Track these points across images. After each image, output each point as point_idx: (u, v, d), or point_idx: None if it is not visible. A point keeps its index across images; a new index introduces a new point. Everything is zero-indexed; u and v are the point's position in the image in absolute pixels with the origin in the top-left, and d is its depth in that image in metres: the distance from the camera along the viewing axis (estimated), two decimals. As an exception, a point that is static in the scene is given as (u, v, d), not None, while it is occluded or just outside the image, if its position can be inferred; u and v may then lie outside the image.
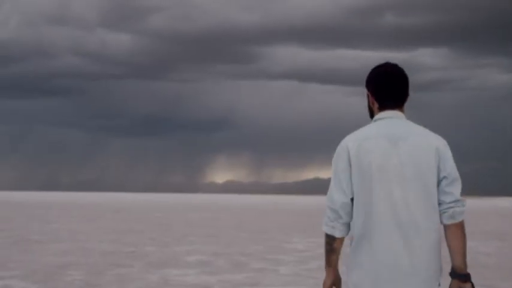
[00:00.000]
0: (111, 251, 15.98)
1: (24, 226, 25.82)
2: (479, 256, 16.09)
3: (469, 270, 3.35)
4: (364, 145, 3.40)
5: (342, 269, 3.44)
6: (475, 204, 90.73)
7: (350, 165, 3.41)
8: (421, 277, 3.33)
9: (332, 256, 3.52)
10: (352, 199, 3.45)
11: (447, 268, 3.42)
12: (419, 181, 3.34)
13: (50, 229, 24.03)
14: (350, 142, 3.44)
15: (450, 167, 3.38)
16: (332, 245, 3.50)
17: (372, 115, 3.61)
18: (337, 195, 3.46)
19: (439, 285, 3.43)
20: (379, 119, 3.52)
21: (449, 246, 3.39)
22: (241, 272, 12.45)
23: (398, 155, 3.36)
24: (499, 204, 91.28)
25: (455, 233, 3.37)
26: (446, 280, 3.48)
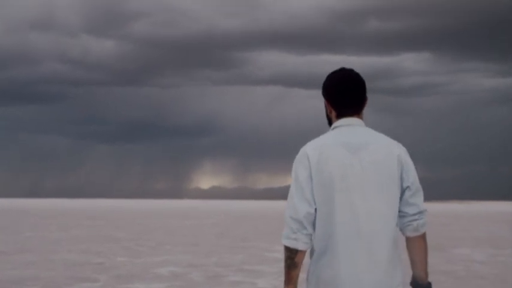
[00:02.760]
0: (78, 263, 14.79)
1: (-7, 235, 24.52)
2: (474, 265, 15.03)
3: (465, 281, 2.52)
4: (324, 154, 3.27)
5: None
6: (464, 209, 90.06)
7: (311, 174, 3.26)
8: None
9: (293, 272, 3.31)
10: (315, 209, 3.27)
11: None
12: (381, 190, 3.25)
13: (20, 238, 22.78)
14: (310, 150, 3.31)
15: (413, 177, 3.31)
16: (294, 260, 3.29)
17: (330, 123, 3.49)
18: (301, 205, 3.27)
19: None
20: (338, 126, 3.40)
21: (411, 256, 3.37)
22: (215, 287, 11.32)
23: (360, 164, 3.26)
24: (486, 209, 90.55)
25: (419, 245, 3.35)
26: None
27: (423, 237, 3.35)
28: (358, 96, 3.41)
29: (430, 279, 3.38)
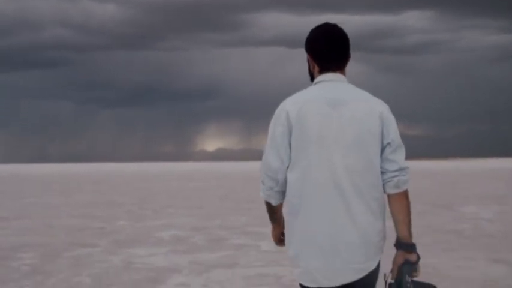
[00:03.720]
0: (78, 228, 14.52)
1: (-5, 201, 24.27)
2: (481, 223, 14.72)
3: (474, 240, 2.36)
4: (304, 108, 3.24)
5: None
6: (468, 166, 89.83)
7: (289, 130, 3.26)
8: (362, 246, 3.21)
9: (274, 216, 3.52)
10: (288, 166, 3.28)
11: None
12: (360, 147, 3.21)
13: (21, 204, 22.54)
14: (289, 105, 3.28)
15: (394, 133, 3.26)
16: (272, 209, 3.47)
17: (312, 79, 3.45)
18: (273, 161, 3.30)
19: (381, 252, 3.34)
20: (320, 81, 3.36)
21: (393, 215, 3.29)
22: (218, 250, 11.04)
23: (339, 120, 3.22)
24: (490, 166, 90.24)
25: (400, 202, 3.28)
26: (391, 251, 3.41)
27: (404, 195, 3.30)
28: (342, 51, 3.37)
29: (438, 238, 3.29)
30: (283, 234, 3.57)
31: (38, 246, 11.54)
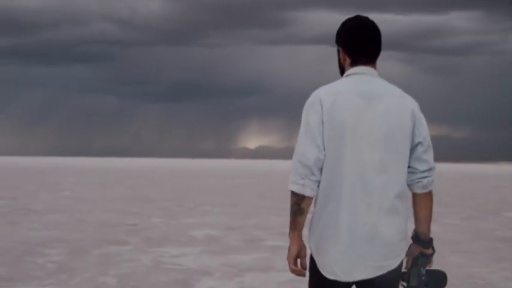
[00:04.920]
0: (110, 224, 14.12)
1: (31, 194, 24.03)
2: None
3: None
4: (338, 100, 3.18)
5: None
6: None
7: (321, 119, 3.18)
8: (382, 244, 3.17)
9: (299, 218, 3.24)
10: (325, 155, 3.20)
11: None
12: (391, 142, 3.17)
13: (57, 197, 22.29)
14: (324, 95, 3.22)
15: (425, 132, 3.25)
16: (300, 205, 3.22)
17: (342, 72, 3.40)
18: (311, 150, 3.17)
19: (403, 253, 3.29)
20: (351, 74, 3.30)
21: (416, 213, 3.34)
22: (252, 252, 10.51)
23: (372, 113, 3.18)
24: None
25: (426, 202, 3.30)
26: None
27: (430, 194, 3.31)
28: (374, 44, 3.32)
29: (486, 246, 2.99)
30: (299, 254, 3.26)
31: (66, 242, 11.14)
